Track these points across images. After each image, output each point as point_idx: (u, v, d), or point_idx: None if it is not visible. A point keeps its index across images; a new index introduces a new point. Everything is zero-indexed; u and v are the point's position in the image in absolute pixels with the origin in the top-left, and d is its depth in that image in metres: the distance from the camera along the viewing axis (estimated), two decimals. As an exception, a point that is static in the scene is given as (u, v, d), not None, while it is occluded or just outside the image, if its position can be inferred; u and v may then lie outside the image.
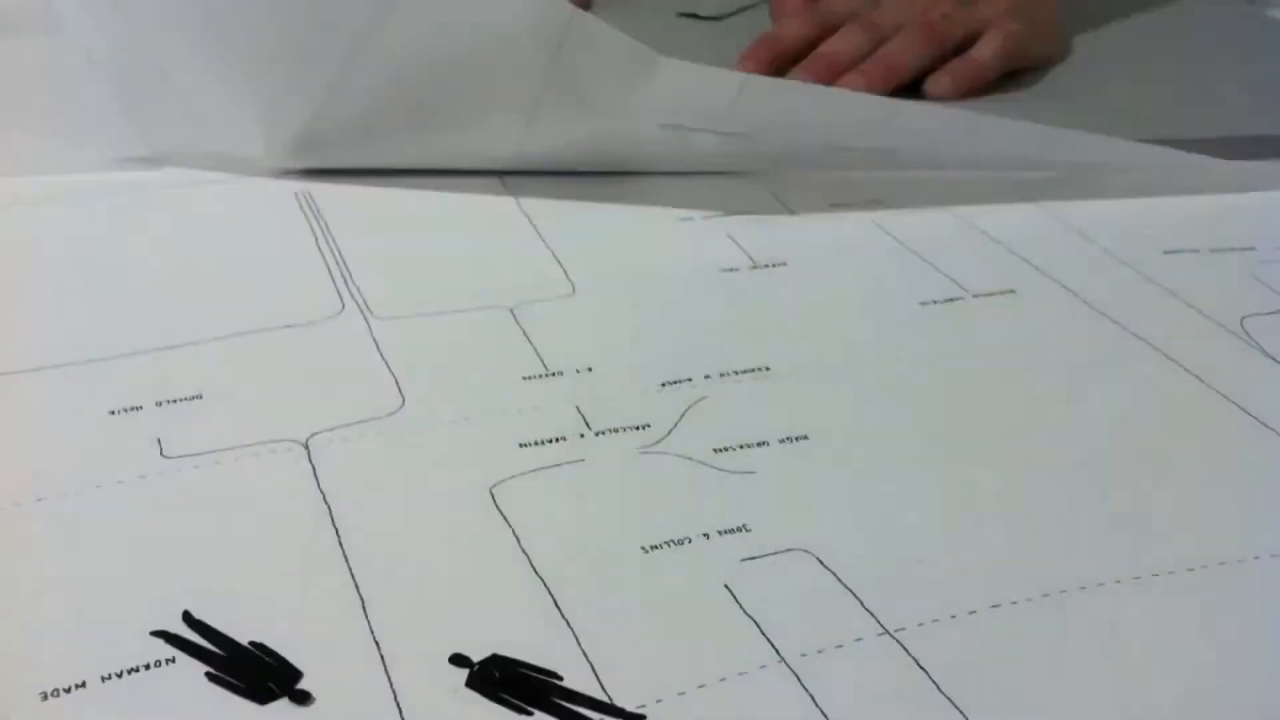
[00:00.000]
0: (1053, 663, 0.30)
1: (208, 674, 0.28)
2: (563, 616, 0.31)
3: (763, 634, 0.30)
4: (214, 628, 0.30)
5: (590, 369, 0.41)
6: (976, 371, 0.41)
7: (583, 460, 0.36)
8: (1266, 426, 0.39)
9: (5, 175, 0.52)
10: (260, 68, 0.49)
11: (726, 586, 0.32)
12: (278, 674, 0.28)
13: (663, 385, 0.40)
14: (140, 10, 0.49)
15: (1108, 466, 0.37)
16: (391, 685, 0.29)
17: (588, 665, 0.29)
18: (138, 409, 0.38)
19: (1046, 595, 0.32)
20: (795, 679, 0.29)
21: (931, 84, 0.64)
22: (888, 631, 0.30)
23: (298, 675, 0.29)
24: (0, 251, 0.47)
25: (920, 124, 0.52)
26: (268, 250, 0.48)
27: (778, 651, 0.30)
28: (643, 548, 0.33)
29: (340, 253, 0.47)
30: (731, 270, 0.47)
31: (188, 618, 0.30)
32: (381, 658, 0.29)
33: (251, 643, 0.29)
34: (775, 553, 0.33)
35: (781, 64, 0.64)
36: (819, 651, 0.30)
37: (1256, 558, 0.33)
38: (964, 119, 0.53)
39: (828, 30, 0.65)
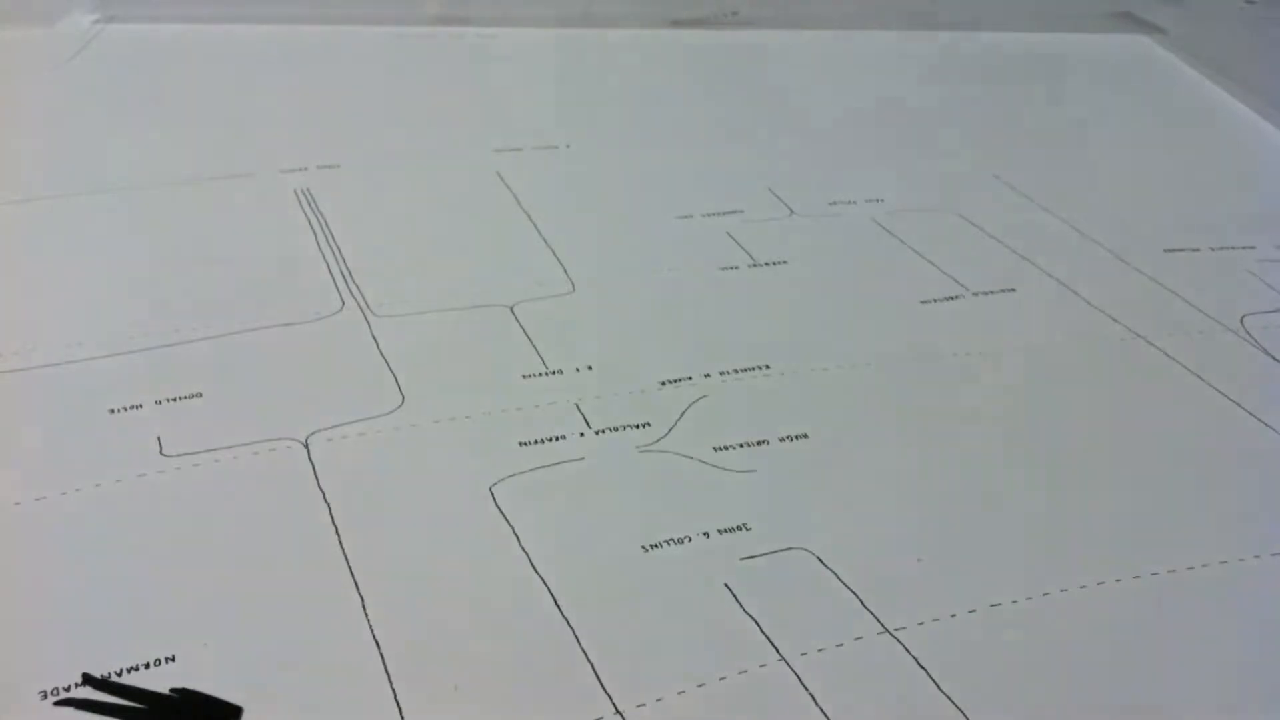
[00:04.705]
0: (1053, 663, 0.30)
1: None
2: (563, 616, 0.31)
3: (763, 634, 0.30)
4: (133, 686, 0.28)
5: (590, 367, 0.41)
6: (977, 370, 0.41)
7: (583, 459, 0.36)
8: (1266, 425, 0.39)
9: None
10: None
11: (726, 585, 0.32)
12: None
13: (663, 384, 0.40)
14: None
15: (1107, 465, 0.37)
16: (391, 685, 0.29)
17: (588, 665, 0.29)
18: (137, 408, 0.38)
19: (1046, 595, 0.32)
20: (795, 679, 0.29)
21: None
22: (888, 631, 0.30)
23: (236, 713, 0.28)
24: (-1, 249, 0.47)
25: None
26: (267, 248, 0.48)
27: (778, 651, 0.30)
28: (643, 547, 0.33)
29: (340, 251, 0.47)
30: (731, 268, 0.47)
31: (89, 679, 0.28)
32: (381, 657, 0.29)
33: (173, 689, 0.28)
34: (775, 552, 0.33)
35: None
36: (819, 651, 0.30)
37: (1257, 557, 0.33)
38: None
39: None
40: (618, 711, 0.28)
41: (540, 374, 0.40)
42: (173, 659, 0.29)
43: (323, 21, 0.71)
